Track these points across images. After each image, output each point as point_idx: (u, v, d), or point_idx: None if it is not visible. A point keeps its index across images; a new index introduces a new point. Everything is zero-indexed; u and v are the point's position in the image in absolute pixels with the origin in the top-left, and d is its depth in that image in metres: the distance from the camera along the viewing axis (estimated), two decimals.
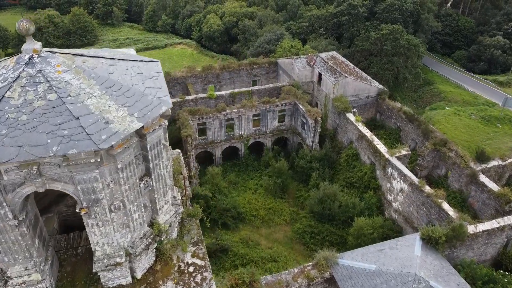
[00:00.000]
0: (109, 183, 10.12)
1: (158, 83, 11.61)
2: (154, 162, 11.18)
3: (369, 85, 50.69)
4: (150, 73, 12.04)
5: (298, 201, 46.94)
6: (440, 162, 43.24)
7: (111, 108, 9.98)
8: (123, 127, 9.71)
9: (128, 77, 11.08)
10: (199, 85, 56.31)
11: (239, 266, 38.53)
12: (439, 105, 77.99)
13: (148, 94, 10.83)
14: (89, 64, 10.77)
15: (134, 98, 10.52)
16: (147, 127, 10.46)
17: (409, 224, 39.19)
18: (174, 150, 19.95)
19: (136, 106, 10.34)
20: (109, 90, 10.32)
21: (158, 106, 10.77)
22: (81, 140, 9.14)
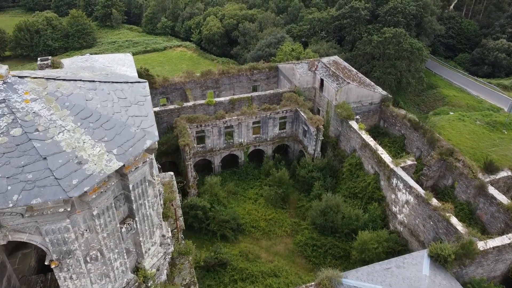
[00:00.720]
0: (83, 232, 8.69)
1: (144, 109, 10.21)
2: (138, 202, 9.77)
3: (373, 91, 49.26)
4: (135, 97, 10.64)
5: (300, 211, 45.50)
6: (447, 172, 41.77)
7: (86, 144, 8.56)
8: (99, 168, 8.30)
9: (109, 104, 9.68)
10: (197, 90, 54.90)
11: (238, 281, 37.15)
12: (442, 110, 76.61)
13: (131, 125, 9.42)
14: (64, 90, 9.36)
15: (114, 130, 9.11)
16: (128, 165, 9.07)
17: (414, 238, 37.74)
18: (167, 173, 18.56)
19: (116, 141, 8.92)
20: (85, 121, 8.89)
21: (142, 140, 9.33)
22: (48, 186, 7.72)
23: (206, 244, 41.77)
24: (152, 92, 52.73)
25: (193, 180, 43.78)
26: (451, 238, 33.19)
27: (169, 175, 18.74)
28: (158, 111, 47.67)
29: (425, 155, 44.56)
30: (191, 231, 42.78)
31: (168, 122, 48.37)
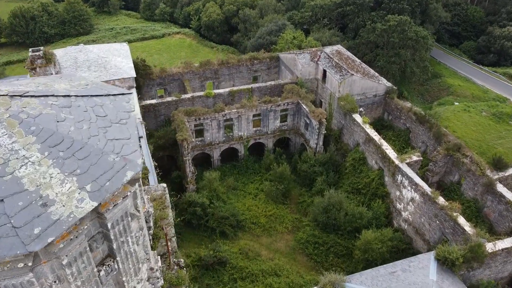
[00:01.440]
0: (52, 284, 7.39)
1: (126, 130, 8.80)
2: (118, 240, 8.38)
3: (377, 83, 47.62)
4: (117, 114, 9.22)
5: (301, 207, 44.34)
6: (453, 168, 40.47)
7: (53, 179, 7.17)
8: (68, 211, 6.92)
9: (84, 126, 8.28)
10: (196, 81, 53.25)
11: (238, 280, 36.22)
12: (447, 100, 74.89)
13: (110, 151, 8.01)
14: (31, 109, 7.93)
15: (88, 160, 7.69)
16: (105, 202, 7.71)
17: (419, 236, 36.65)
18: (159, 186, 17.22)
19: (90, 174, 7.51)
20: (54, 150, 7.48)
21: (122, 171, 7.90)
22: (3, 238, 6.38)
23: (205, 241, 40.75)
24: (149, 83, 51.18)
25: (191, 176, 42.52)
26: (458, 239, 32.09)
27: (161, 187, 17.39)
28: (156, 103, 46.19)
29: (431, 150, 43.19)
30: (190, 227, 41.74)
31: (165, 115, 46.91)
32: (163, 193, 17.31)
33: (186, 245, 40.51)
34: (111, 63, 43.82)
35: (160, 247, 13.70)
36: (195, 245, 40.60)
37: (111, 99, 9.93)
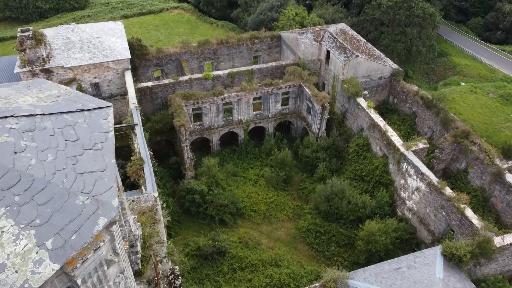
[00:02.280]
0: None
1: (101, 159, 7.34)
2: None
3: (383, 64, 45.65)
4: (91, 136, 7.75)
5: (302, 193, 43.24)
6: (461, 155, 39.11)
7: (5, 235, 5.74)
8: (22, 279, 5.50)
9: (49, 156, 6.85)
10: (194, 62, 51.25)
11: (237, 270, 35.47)
12: (453, 80, 72.82)
13: (79, 191, 6.60)
14: None
15: (51, 205, 6.28)
16: (72, 258, 6.32)
17: (424, 226, 35.64)
18: (150, 195, 15.85)
19: (52, 224, 6.11)
20: (8, 193, 6.03)
21: (93, 218, 6.43)
22: None
23: (204, 229, 39.85)
24: (146, 64, 49.27)
25: (189, 162, 41.24)
26: (465, 231, 31.06)
27: (152, 198, 15.97)
28: (152, 86, 44.42)
29: (438, 136, 41.70)
30: (189, 215, 40.79)
31: (162, 98, 45.21)
32: (154, 204, 15.95)
33: (184, 233, 39.64)
34: (105, 43, 41.83)
35: (150, 270, 12.48)
36: (194, 233, 39.73)
37: (86, 115, 8.41)
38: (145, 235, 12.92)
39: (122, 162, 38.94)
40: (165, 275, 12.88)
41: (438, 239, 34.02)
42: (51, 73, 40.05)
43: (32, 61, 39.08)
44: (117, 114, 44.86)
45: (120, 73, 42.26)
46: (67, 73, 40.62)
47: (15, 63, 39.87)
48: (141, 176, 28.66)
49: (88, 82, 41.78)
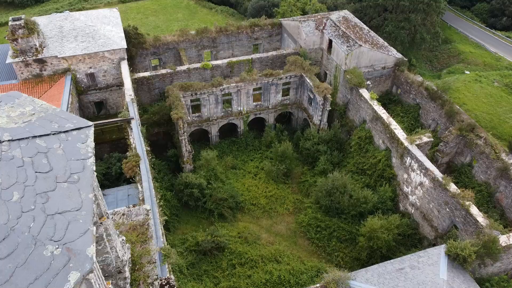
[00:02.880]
0: None
1: (76, 193, 6.40)
2: None
3: (386, 54, 44.31)
4: (66, 166, 6.80)
5: (303, 186, 42.44)
6: (465, 149, 38.17)
7: None
8: None
9: (15, 195, 5.88)
10: (193, 50, 49.88)
11: (237, 266, 34.90)
12: (457, 68, 71.43)
13: (47, 238, 5.67)
14: None
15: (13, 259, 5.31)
16: None
17: (427, 222, 34.93)
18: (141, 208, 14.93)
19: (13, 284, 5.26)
20: None
21: (63, 273, 5.53)
22: None
23: (202, 224, 39.22)
24: (143, 53, 47.95)
25: (188, 155, 40.33)
26: (470, 229, 30.34)
27: (143, 210, 14.99)
28: (149, 76, 43.22)
29: (442, 128, 40.69)
30: (187, 208, 40.09)
31: (160, 88, 44.08)
32: (146, 218, 15.04)
33: (183, 227, 39.03)
34: (100, 32, 40.49)
35: None
36: (193, 227, 39.10)
37: (62, 139, 7.44)
38: (135, 256, 12.11)
39: (119, 155, 38.12)
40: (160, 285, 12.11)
41: (441, 235, 33.37)
42: (45, 63, 38.84)
43: (24, 51, 37.85)
44: (113, 105, 43.84)
45: (116, 63, 41.04)
46: (61, 63, 39.40)
47: (8, 52, 38.62)
48: (137, 173, 27.80)
49: (83, 72, 40.58)
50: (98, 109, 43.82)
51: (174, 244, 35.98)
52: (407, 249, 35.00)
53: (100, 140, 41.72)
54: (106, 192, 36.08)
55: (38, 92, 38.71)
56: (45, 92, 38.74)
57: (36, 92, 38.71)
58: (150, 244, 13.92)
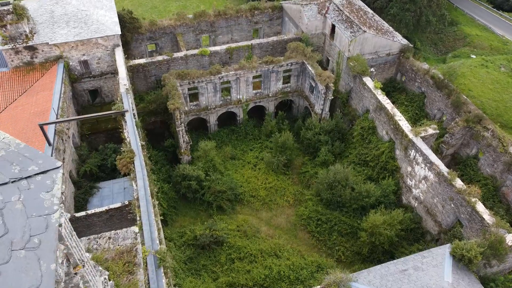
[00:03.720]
0: None
1: (35, 264, 5.30)
2: None
3: (392, 40, 42.60)
4: (25, 226, 5.65)
5: (304, 177, 41.47)
6: (471, 140, 37.02)
7: None
8: None
9: None
10: (190, 35, 48.11)
11: (235, 260, 34.31)
12: (463, 52, 69.52)
13: None
14: None
15: None
16: None
17: (431, 217, 34.09)
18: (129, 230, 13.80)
19: None
20: None
21: None
22: None
23: (201, 216, 38.47)
24: (138, 38, 46.24)
25: (185, 146, 39.20)
26: (475, 226, 29.50)
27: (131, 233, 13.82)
28: (145, 63, 41.66)
29: (448, 119, 39.40)
30: (185, 200, 39.24)
31: (156, 76, 42.57)
32: (134, 243, 13.93)
33: (181, 220, 38.27)
34: (93, 17, 38.75)
35: None
36: (191, 219, 38.36)
37: (23, 187, 6.29)
38: None
39: (114, 146, 37.01)
40: None
41: (445, 231, 32.58)
42: (36, 50, 37.26)
43: (14, 37, 36.23)
44: (109, 93, 42.44)
45: (110, 50, 39.42)
46: (52, 50, 37.82)
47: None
48: (131, 170, 26.73)
49: (76, 59, 39.03)
50: (93, 97, 42.43)
51: (172, 238, 35.30)
52: (409, 244, 34.34)
53: (95, 129, 40.63)
54: (102, 185, 35.25)
55: (30, 80, 37.33)
56: (37, 80, 37.34)
57: (28, 80, 37.34)
58: (138, 273, 12.92)
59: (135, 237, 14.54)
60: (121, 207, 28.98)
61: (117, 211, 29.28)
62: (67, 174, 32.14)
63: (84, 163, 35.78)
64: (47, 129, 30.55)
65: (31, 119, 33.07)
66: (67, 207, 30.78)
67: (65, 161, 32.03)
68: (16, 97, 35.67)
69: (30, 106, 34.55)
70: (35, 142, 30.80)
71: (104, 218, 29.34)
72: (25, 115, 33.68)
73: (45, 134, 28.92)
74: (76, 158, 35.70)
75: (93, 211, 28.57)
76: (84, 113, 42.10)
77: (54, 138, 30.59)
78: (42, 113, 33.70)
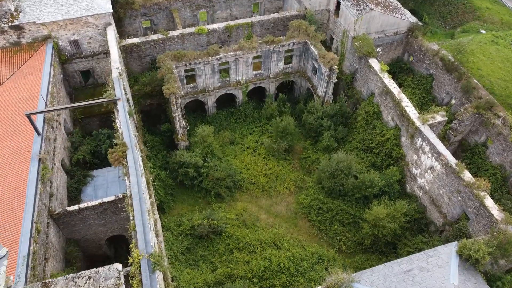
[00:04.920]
0: None
1: None
2: None
3: (400, 18, 40.20)
4: None
5: (305, 163, 40.18)
6: (481, 127, 35.46)
7: None
8: None
9: None
10: (187, 10, 45.56)
11: (234, 251, 33.57)
12: (472, 27, 66.54)
13: None
14: None
15: None
16: None
17: (435, 207, 33.03)
18: (112, 269, 12.37)
19: None
20: None
21: None
22: None
23: (199, 203, 37.50)
24: (132, 14, 43.81)
25: (182, 131, 37.69)
26: (482, 221, 28.44)
27: (114, 272, 12.39)
28: (139, 42, 39.48)
29: (457, 103, 37.68)
30: (183, 187, 38.14)
31: (151, 55, 40.52)
32: (117, 283, 12.56)
33: (179, 207, 37.32)
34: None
35: None
36: (189, 207, 37.40)
37: None
38: None
39: (108, 132, 35.49)
40: None
41: (450, 223, 31.58)
42: (22, 30, 35.12)
43: None
44: (101, 74, 40.51)
45: (102, 29, 37.20)
46: (40, 29, 35.65)
47: None
48: (124, 164, 25.37)
49: (66, 39, 36.89)
50: (85, 78, 40.51)
51: (169, 227, 34.44)
52: (412, 235, 33.47)
53: (88, 113, 38.96)
54: (96, 173, 33.94)
55: (18, 62, 35.41)
56: (25, 62, 35.40)
57: (15, 62, 35.42)
58: None
59: (118, 276, 13.26)
60: (115, 200, 27.86)
61: (111, 204, 28.17)
62: (59, 163, 30.80)
63: (77, 150, 34.38)
64: (36, 117, 29.05)
65: (19, 105, 31.44)
66: (60, 199, 29.66)
67: (56, 150, 30.67)
68: (3, 81, 33.87)
69: (17, 91, 32.79)
70: (23, 131, 29.34)
71: (98, 211, 28.27)
72: (13, 101, 31.99)
73: (33, 124, 27.40)
74: (68, 146, 34.27)
75: (86, 205, 27.44)
76: (76, 95, 40.37)
77: (44, 127, 29.07)
78: (31, 99, 32.00)
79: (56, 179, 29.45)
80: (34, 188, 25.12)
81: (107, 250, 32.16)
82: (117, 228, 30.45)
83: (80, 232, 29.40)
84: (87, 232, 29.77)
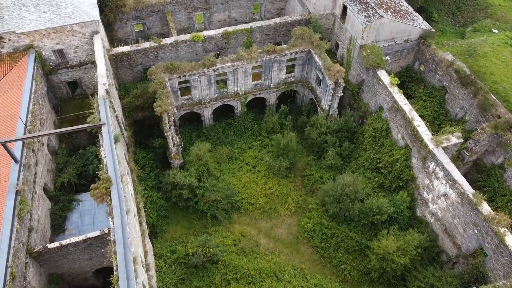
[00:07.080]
0: None
1: None
2: None
3: (411, 25, 37.16)
4: None
5: (307, 181, 37.64)
6: (498, 148, 32.78)
7: None
8: None
9: None
10: (182, 13, 42.46)
11: (231, 281, 31.32)
12: (483, 25, 63.38)
13: None
14: None
15: None
16: None
17: (448, 237, 30.62)
18: None
19: None
20: None
21: None
22: None
23: (194, 226, 35.09)
24: (123, 17, 40.82)
25: (176, 149, 35.05)
26: (502, 260, 26.04)
27: None
28: (129, 51, 36.56)
29: (472, 120, 34.91)
30: (177, 208, 35.67)
31: (143, 64, 37.69)
32: None
33: (173, 230, 34.94)
34: (67, 0, 33.28)
35: None
36: (183, 229, 35.03)
37: None
38: None
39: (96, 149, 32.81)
40: None
41: (464, 255, 29.21)
42: (2, 39, 32.23)
43: None
44: (90, 84, 37.67)
45: (89, 37, 34.25)
46: (21, 39, 32.75)
47: None
48: (108, 203, 22.85)
49: (50, 49, 33.99)
50: (72, 89, 37.69)
51: (162, 254, 32.08)
52: (423, 265, 31.13)
53: None
54: (82, 197, 31.35)
55: None
56: (5, 75, 32.57)
57: None
58: None
59: None
60: (100, 235, 25.46)
61: (97, 240, 25.78)
62: (41, 190, 28.27)
63: (61, 172, 31.79)
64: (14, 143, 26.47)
65: None
66: (42, 230, 27.25)
67: (38, 176, 28.13)
68: None
69: None
70: (1, 156, 26.77)
71: (82, 247, 25.89)
72: None
73: (9, 151, 24.78)
74: (52, 168, 31.70)
75: (69, 241, 25.02)
76: (63, 107, 37.65)
77: (23, 153, 26.50)
78: (9, 119, 29.33)
79: (37, 210, 26.99)
80: (9, 227, 22.69)
81: (94, 281, 29.92)
82: (104, 261, 28.13)
83: (63, 267, 27.09)
84: (71, 267, 27.47)
